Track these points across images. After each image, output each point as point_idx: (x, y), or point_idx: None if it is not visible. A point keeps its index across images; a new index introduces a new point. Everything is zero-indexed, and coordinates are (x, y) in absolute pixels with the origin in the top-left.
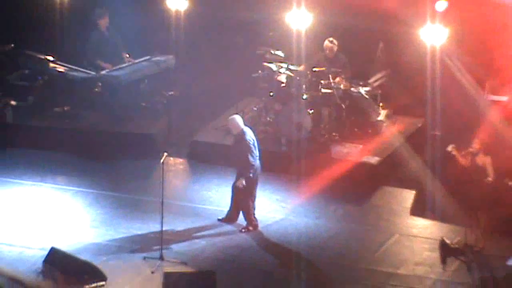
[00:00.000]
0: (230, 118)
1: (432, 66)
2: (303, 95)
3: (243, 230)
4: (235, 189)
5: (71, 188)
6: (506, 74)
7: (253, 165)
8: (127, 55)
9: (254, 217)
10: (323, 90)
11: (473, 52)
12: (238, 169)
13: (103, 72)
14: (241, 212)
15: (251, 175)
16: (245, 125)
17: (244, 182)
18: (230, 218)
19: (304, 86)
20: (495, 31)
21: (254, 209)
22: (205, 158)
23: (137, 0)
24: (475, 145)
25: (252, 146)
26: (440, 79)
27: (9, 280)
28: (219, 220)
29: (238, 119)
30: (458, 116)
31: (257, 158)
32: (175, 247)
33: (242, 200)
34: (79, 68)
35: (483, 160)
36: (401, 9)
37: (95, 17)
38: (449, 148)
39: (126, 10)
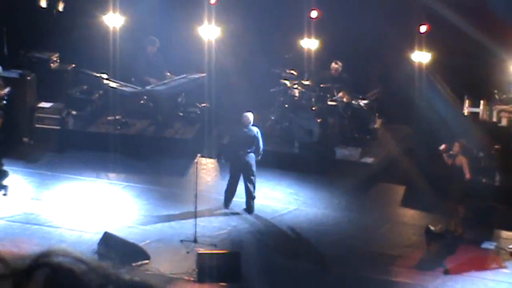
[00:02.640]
0: (245, 113)
1: (418, 82)
2: (312, 106)
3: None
4: (252, 175)
5: (121, 183)
6: (481, 89)
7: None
8: (168, 73)
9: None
10: (329, 103)
11: (454, 71)
12: (243, 152)
13: (148, 87)
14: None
15: (259, 157)
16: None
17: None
18: (250, 207)
19: (313, 99)
20: (471, 53)
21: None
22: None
23: (178, 28)
24: (455, 148)
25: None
26: (425, 92)
27: (75, 260)
28: (244, 209)
29: (251, 114)
30: (442, 124)
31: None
32: (207, 231)
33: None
34: (128, 84)
35: (462, 160)
36: (394, 35)
37: (146, 43)
38: (442, 146)
39: (169, 35)
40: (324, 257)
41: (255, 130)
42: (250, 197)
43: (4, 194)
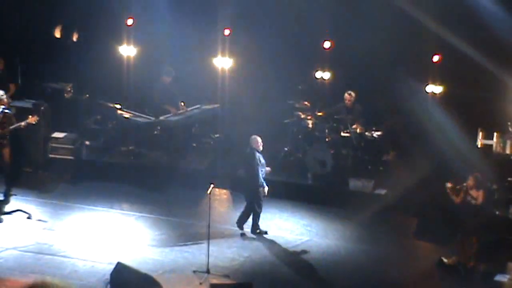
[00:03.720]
0: (253, 136)
1: (432, 114)
2: (326, 137)
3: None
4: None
5: (134, 213)
6: (494, 121)
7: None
8: (182, 103)
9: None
10: (342, 134)
11: (467, 102)
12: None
13: (162, 117)
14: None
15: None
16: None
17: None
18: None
19: (326, 130)
20: (484, 85)
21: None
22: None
23: (192, 59)
24: (469, 181)
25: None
26: (439, 124)
27: None
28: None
29: (259, 138)
30: (455, 156)
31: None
32: (220, 262)
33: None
34: (141, 115)
35: (476, 193)
36: (407, 66)
37: (163, 73)
38: (448, 185)
39: (183, 66)
40: (336, 287)
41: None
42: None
43: (28, 217)
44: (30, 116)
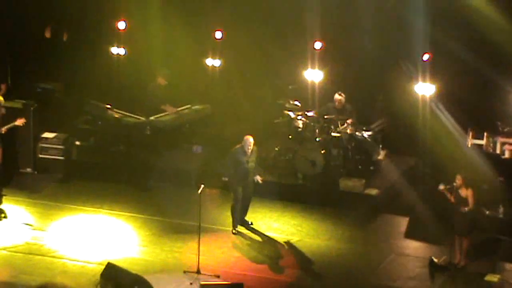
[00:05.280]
0: (248, 137)
1: (422, 114)
2: (316, 138)
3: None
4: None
5: (124, 213)
6: (484, 121)
7: None
8: (168, 104)
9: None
10: (333, 134)
11: (457, 102)
12: (251, 176)
13: (152, 118)
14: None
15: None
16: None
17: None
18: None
19: (317, 131)
20: (475, 85)
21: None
22: None
23: (183, 59)
24: (458, 180)
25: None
26: (429, 124)
27: None
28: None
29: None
30: (446, 155)
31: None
32: (210, 262)
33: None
34: (132, 115)
35: (465, 192)
36: (397, 66)
37: (159, 75)
38: (441, 187)
39: (174, 66)
40: None
41: (255, 151)
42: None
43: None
44: (18, 119)
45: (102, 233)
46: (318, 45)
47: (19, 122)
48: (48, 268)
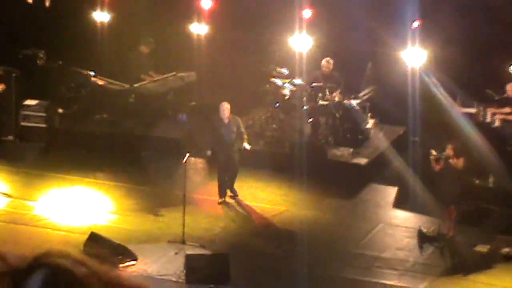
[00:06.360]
0: (224, 104)
1: (412, 82)
2: (303, 106)
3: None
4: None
5: (108, 182)
6: (475, 89)
7: None
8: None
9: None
10: (320, 102)
11: (447, 70)
12: (229, 145)
13: (136, 85)
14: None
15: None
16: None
17: None
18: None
19: (304, 99)
20: (466, 52)
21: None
22: None
23: (168, 26)
24: (448, 150)
25: None
26: (419, 93)
27: (75, 262)
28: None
29: (228, 104)
30: (435, 124)
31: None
32: (195, 232)
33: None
34: (116, 82)
35: (455, 162)
36: (386, 33)
37: (142, 43)
38: (433, 153)
39: (158, 33)
40: (314, 259)
41: (236, 119)
42: (232, 184)
43: None
44: None
45: (85, 202)
46: (306, 11)
47: None
48: (31, 237)
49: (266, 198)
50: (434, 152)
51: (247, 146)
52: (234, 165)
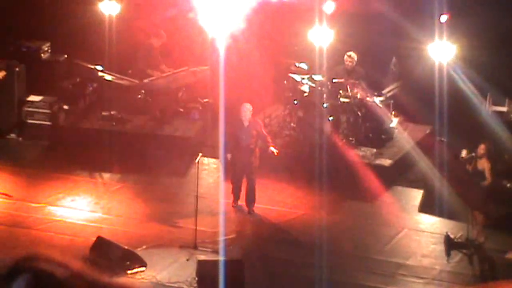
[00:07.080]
0: (245, 105)
1: (439, 79)
2: (323, 103)
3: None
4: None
5: (116, 183)
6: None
7: None
8: (165, 66)
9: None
10: (341, 99)
11: (476, 66)
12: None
13: (146, 80)
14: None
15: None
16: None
17: None
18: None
19: (324, 96)
20: (496, 47)
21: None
22: None
23: (181, 19)
24: (480, 150)
25: None
26: (446, 90)
27: (58, 265)
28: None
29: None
30: (463, 123)
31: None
32: (208, 237)
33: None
34: (124, 77)
35: (484, 164)
36: (412, 27)
37: (153, 36)
38: (463, 153)
39: (171, 26)
40: (334, 266)
41: (257, 122)
42: (251, 200)
43: None
44: None
45: (91, 204)
46: (330, 5)
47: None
48: (34, 241)
49: (283, 200)
50: (465, 152)
51: (274, 150)
52: (252, 173)
